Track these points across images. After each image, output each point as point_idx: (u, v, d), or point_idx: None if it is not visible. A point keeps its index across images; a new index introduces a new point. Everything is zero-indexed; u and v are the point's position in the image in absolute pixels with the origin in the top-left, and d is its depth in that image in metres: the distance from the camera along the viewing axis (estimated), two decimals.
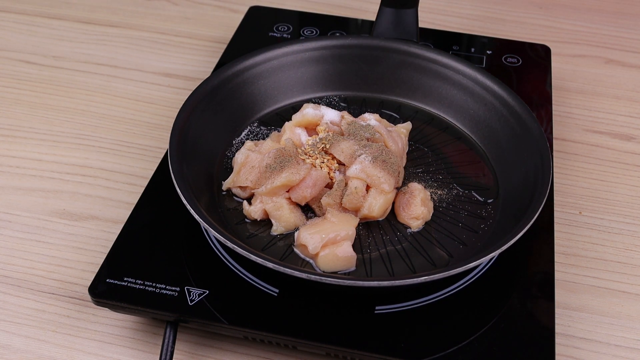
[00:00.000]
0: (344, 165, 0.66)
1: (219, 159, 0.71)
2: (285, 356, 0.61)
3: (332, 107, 0.77)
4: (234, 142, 0.73)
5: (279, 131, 0.73)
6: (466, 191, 0.69)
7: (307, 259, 0.61)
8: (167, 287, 0.59)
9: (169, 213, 0.65)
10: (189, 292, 0.59)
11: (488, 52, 0.89)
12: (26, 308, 0.64)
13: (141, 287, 0.59)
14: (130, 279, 0.59)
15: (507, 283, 0.62)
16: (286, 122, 0.71)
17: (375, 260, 0.62)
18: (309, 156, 0.66)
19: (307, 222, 0.64)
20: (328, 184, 0.66)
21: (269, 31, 0.91)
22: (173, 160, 0.63)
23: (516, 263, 0.63)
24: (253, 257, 0.55)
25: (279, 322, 0.57)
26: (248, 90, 0.75)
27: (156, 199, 0.67)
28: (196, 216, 0.58)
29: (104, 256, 0.62)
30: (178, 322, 0.59)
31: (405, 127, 0.73)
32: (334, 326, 0.57)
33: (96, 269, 0.61)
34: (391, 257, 0.63)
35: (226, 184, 0.67)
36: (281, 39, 0.90)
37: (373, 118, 0.71)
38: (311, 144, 0.67)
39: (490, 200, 0.68)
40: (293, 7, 1.00)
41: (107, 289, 0.59)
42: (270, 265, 0.55)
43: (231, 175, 0.67)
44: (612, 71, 0.95)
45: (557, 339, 0.60)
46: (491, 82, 0.74)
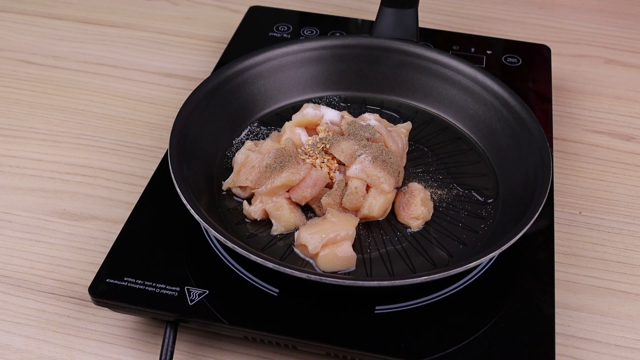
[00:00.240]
0: (344, 165, 0.66)
1: (219, 159, 0.71)
2: (285, 356, 0.61)
3: (332, 107, 0.77)
4: (234, 142, 0.73)
5: (279, 131, 0.73)
6: (466, 191, 0.69)
7: (307, 259, 0.61)
8: (167, 287, 0.59)
9: (169, 213, 0.65)
10: (189, 292, 0.59)
11: (488, 52, 0.89)
12: (26, 308, 0.64)
13: (141, 287, 0.59)
14: (130, 279, 0.59)
15: (507, 283, 0.62)
16: (286, 122, 0.71)
17: (375, 260, 0.62)
18: (309, 156, 0.66)
19: (307, 222, 0.64)
20: (328, 184, 0.66)
21: (269, 31, 0.91)
22: (173, 160, 0.63)
23: (516, 263, 0.63)
24: (253, 257, 0.55)
25: (279, 322, 0.57)
26: (248, 90, 0.75)
27: (156, 199, 0.67)
28: (196, 216, 0.58)
29: (104, 256, 0.62)
30: (178, 322, 0.59)
31: (405, 127, 0.73)
32: (334, 326, 0.57)
33: (96, 269, 0.61)
34: (391, 257, 0.63)
35: (226, 184, 0.67)
36: (281, 39, 0.90)
37: (373, 118, 0.71)
38: (311, 144, 0.67)
39: (490, 200, 0.68)
40: (293, 7, 1.00)
41: (107, 289, 0.59)
42: (270, 265, 0.55)
43: (231, 175, 0.67)
44: (612, 71, 0.95)
45: (557, 339, 0.61)
46: (491, 82, 0.74)
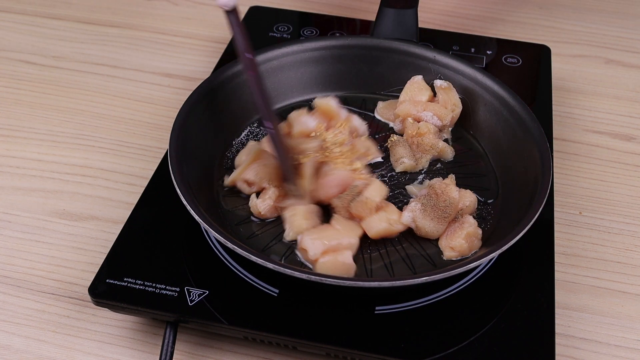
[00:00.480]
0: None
1: (219, 159, 0.71)
2: (285, 356, 0.61)
3: None
4: (234, 143, 0.73)
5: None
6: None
7: (307, 263, 0.61)
8: (167, 288, 0.59)
9: (169, 213, 0.65)
10: (189, 293, 0.59)
11: (488, 52, 0.89)
12: (26, 308, 0.64)
13: (141, 288, 0.59)
14: (130, 279, 0.59)
15: (507, 283, 0.62)
16: (292, 113, 0.72)
17: (375, 260, 0.62)
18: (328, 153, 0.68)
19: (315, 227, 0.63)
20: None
21: (269, 31, 0.91)
22: (173, 160, 0.63)
23: (516, 263, 0.63)
24: (253, 258, 0.55)
25: (279, 323, 0.57)
26: (248, 90, 0.75)
27: (156, 199, 0.67)
28: (196, 217, 0.58)
29: (104, 256, 0.62)
30: (178, 323, 0.59)
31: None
32: (334, 326, 0.57)
33: (96, 269, 0.61)
34: (391, 257, 0.63)
35: (232, 177, 0.67)
36: (281, 39, 0.90)
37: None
38: (331, 141, 0.69)
39: (490, 200, 0.68)
40: (293, 7, 1.00)
41: (107, 289, 0.59)
42: (270, 265, 0.55)
43: (239, 168, 0.67)
44: (612, 71, 0.95)
45: (557, 339, 0.60)
46: (491, 82, 0.74)
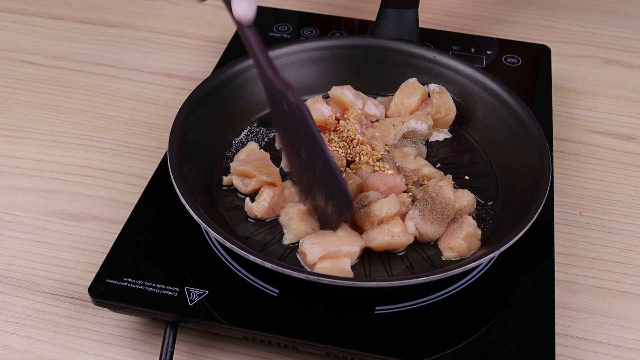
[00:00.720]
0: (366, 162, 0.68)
1: (219, 160, 0.71)
2: (285, 356, 0.61)
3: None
4: (234, 143, 0.73)
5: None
6: None
7: (306, 267, 0.61)
8: (167, 288, 0.59)
9: (169, 213, 0.65)
10: (189, 293, 0.59)
11: (488, 52, 0.89)
12: (26, 308, 0.64)
13: (141, 288, 0.59)
14: (130, 279, 0.59)
15: (507, 283, 0.62)
16: (307, 100, 0.73)
17: (374, 260, 0.62)
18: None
19: (318, 232, 0.63)
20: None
21: (269, 31, 0.91)
22: (172, 161, 0.63)
23: (516, 263, 0.63)
24: (252, 258, 0.55)
25: (279, 323, 0.57)
26: (248, 90, 0.75)
27: (156, 199, 0.67)
28: (195, 217, 0.58)
29: (104, 256, 0.62)
30: (178, 323, 0.59)
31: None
32: (334, 326, 0.57)
33: (96, 269, 0.61)
34: (390, 258, 0.63)
35: (232, 166, 0.67)
36: (281, 39, 0.90)
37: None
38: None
39: (490, 202, 0.68)
40: (293, 7, 1.00)
41: (107, 289, 0.59)
42: (269, 265, 0.55)
43: (240, 161, 0.68)
44: (612, 71, 0.95)
45: (557, 339, 0.60)
46: (491, 83, 0.74)
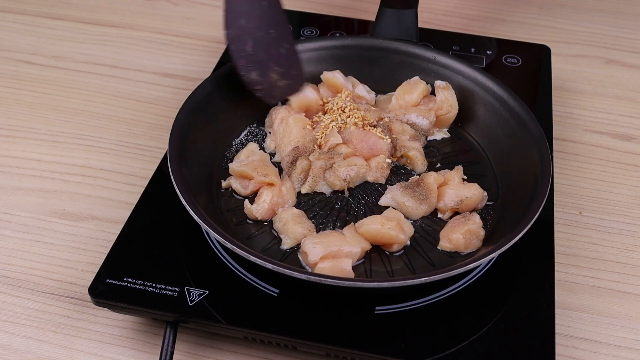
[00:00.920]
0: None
1: (219, 160, 0.71)
2: (285, 356, 0.61)
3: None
4: (234, 143, 0.73)
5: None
6: None
7: (307, 267, 0.61)
8: (167, 288, 0.59)
9: (169, 213, 0.65)
10: (189, 293, 0.59)
11: (488, 52, 0.89)
12: (26, 308, 0.64)
13: (141, 288, 0.59)
14: (130, 279, 0.59)
15: (507, 283, 0.62)
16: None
17: (375, 260, 0.62)
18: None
19: (321, 232, 0.63)
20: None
21: None
22: (172, 161, 0.63)
23: (516, 263, 0.63)
24: (252, 258, 0.55)
25: (279, 323, 0.57)
26: (248, 90, 0.75)
27: (156, 199, 0.67)
28: (196, 218, 0.58)
29: (104, 256, 0.62)
30: (178, 323, 0.59)
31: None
32: (334, 326, 0.57)
33: (96, 269, 0.61)
34: (391, 258, 0.63)
35: (230, 167, 0.67)
36: None
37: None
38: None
39: (490, 202, 0.68)
40: (293, 7, 1.00)
41: (107, 289, 0.59)
42: (269, 266, 0.55)
43: (238, 162, 0.68)
44: (612, 71, 0.95)
45: (557, 339, 0.60)
46: (491, 83, 0.74)
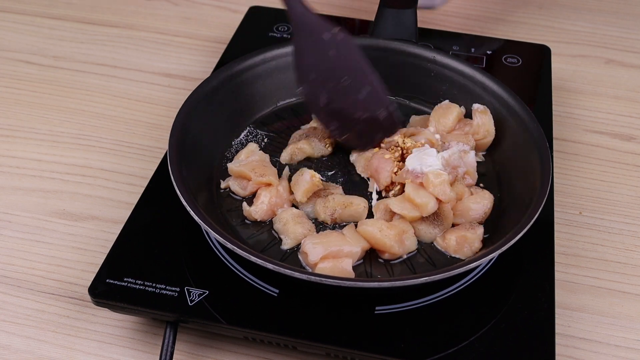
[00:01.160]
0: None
1: (219, 160, 0.71)
2: (285, 356, 0.61)
3: None
4: (233, 143, 0.73)
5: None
6: None
7: (307, 268, 0.61)
8: (167, 288, 0.59)
9: (169, 213, 0.65)
10: (189, 293, 0.59)
11: (488, 52, 0.89)
12: (26, 308, 0.64)
13: (141, 288, 0.59)
14: (130, 279, 0.59)
15: (507, 283, 0.62)
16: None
17: (375, 260, 0.62)
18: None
19: (321, 232, 0.63)
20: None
21: (269, 31, 0.91)
22: (172, 161, 0.63)
23: (516, 263, 0.63)
24: (253, 259, 0.55)
25: (279, 323, 0.57)
26: (248, 90, 0.75)
27: (156, 199, 0.67)
28: (196, 218, 0.58)
29: (104, 256, 0.62)
30: (178, 323, 0.59)
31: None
32: (334, 326, 0.57)
33: (96, 269, 0.61)
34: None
35: (229, 167, 0.67)
36: (281, 39, 0.90)
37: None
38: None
39: None
40: None
41: (107, 289, 0.59)
42: (270, 266, 0.55)
43: (237, 162, 0.68)
44: (612, 71, 0.95)
45: (557, 339, 0.60)
46: (491, 83, 0.74)
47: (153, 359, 0.61)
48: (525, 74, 0.86)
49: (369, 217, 0.65)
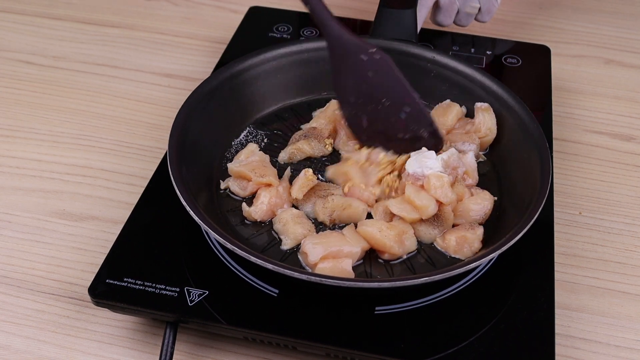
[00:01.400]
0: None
1: (218, 160, 0.71)
2: (285, 356, 0.61)
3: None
4: (233, 144, 0.73)
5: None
6: None
7: (307, 268, 0.61)
8: (167, 288, 0.59)
9: (169, 213, 0.65)
10: (189, 293, 0.59)
11: (488, 52, 0.89)
12: (26, 308, 0.64)
13: (141, 288, 0.59)
14: (130, 280, 0.59)
15: (507, 283, 0.62)
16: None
17: (375, 261, 0.62)
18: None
19: (320, 232, 0.63)
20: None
21: (269, 31, 0.91)
22: (172, 161, 0.63)
23: (516, 263, 0.63)
24: (253, 259, 0.55)
25: (279, 323, 0.57)
26: (247, 91, 0.75)
27: (156, 200, 0.67)
28: (196, 218, 0.58)
29: (104, 256, 0.62)
30: (178, 323, 0.59)
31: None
32: (334, 326, 0.57)
33: (96, 270, 0.61)
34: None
35: (229, 167, 0.67)
36: (281, 40, 0.90)
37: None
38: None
39: None
40: (293, 7, 1.00)
41: (107, 290, 0.59)
42: (270, 266, 0.55)
43: (237, 162, 0.68)
44: (612, 71, 0.95)
45: (557, 339, 0.60)
46: (490, 83, 0.74)
47: (153, 359, 0.61)
48: (525, 74, 0.86)
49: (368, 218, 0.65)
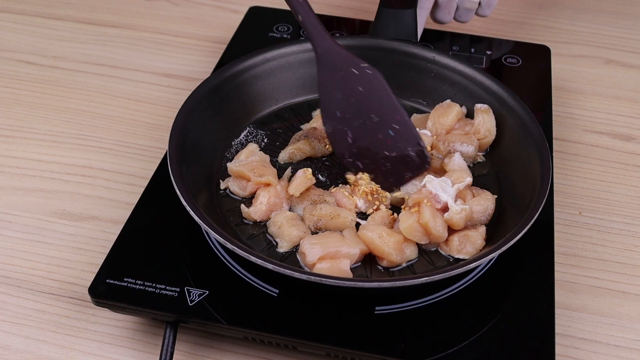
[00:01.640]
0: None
1: (218, 160, 0.71)
2: (285, 356, 0.61)
3: None
4: (233, 144, 0.73)
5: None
6: None
7: (306, 268, 0.61)
8: (167, 288, 0.59)
9: (169, 213, 0.65)
10: (189, 293, 0.59)
11: (488, 52, 0.89)
12: (26, 308, 0.64)
13: (141, 288, 0.59)
14: (130, 280, 0.59)
15: (507, 283, 0.62)
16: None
17: (374, 260, 0.62)
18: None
19: (319, 233, 0.63)
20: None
21: (269, 31, 0.91)
22: (172, 161, 0.63)
23: (516, 263, 0.63)
24: (253, 259, 0.55)
25: (279, 323, 0.57)
26: (247, 90, 0.75)
27: (156, 200, 0.67)
28: (196, 218, 0.58)
29: (104, 256, 0.62)
30: (178, 323, 0.59)
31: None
32: (334, 326, 0.57)
33: (96, 270, 0.61)
34: None
35: (229, 167, 0.67)
36: (281, 40, 0.90)
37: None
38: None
39: None
40: None
41: (107, 290, 0.59)
42: (270, 266, 0.55)
43: (237, 162, 0.68)
44: (612, 71, 0.95)
45: (557, 339, 0.60)
46: (490, 83, 0.74)
47: (153, 359, 0.61)
48: (525, 74, 0.86)
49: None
